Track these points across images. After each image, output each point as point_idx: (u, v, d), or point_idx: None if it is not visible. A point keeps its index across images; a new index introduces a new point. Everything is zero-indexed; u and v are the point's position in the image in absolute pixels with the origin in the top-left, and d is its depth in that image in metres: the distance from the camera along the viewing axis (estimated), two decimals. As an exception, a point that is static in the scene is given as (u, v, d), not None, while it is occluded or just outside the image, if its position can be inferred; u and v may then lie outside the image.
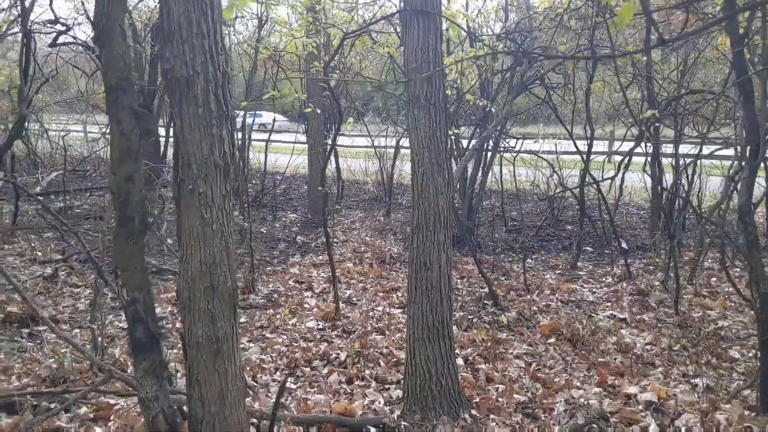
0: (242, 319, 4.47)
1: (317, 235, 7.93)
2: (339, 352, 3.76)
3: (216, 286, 2.00)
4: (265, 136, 10.26)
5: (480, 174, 8.02)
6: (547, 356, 3.95)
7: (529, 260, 6.90)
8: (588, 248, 7.46)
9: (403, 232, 8.27)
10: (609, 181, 7.50)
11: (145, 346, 1.96)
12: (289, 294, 5.23)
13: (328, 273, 5.93)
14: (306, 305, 4.92)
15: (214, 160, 1.96)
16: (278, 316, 4.61)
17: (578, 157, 10.42)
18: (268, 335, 4.14)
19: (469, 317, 4.70)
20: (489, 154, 8.01)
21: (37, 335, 4.05)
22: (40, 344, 3.88)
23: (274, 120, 10.06)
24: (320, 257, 6.62)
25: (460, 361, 3.80)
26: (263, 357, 3.70)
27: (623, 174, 8.02)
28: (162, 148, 10.18)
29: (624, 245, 7.33)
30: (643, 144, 7.90)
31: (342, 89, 10.39)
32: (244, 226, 5.39)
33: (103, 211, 8.51)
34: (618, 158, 7.74)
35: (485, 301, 5.08)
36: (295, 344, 3.99)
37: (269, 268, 6.08)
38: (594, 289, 5.65)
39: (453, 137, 6.19)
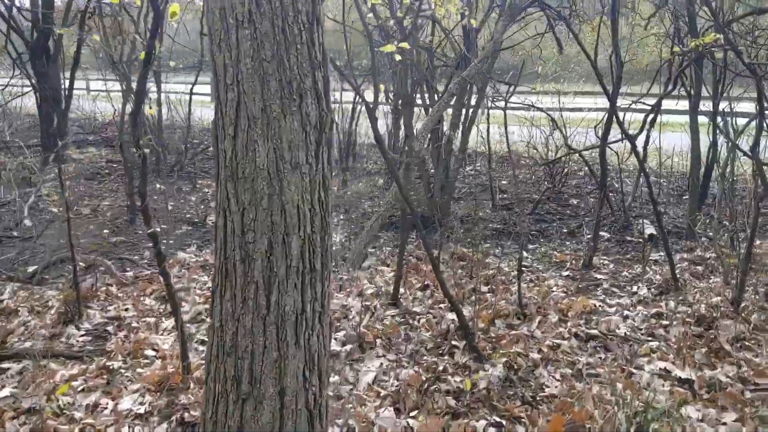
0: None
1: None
2: None
3: None
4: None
5: (460, 130, 5.96)
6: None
7: (523, 253, 4.90)
8: (603, 233, 5.46)
9: (359, 209, 6.24)
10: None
11: None
12: (137, 325, 3.20)
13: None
14: (149, 352, 2.91)
15: None
16: (85, 380, 2.59)
17: (584, 115, 8.33)
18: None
19: (424, 378, 2.70)
20: (471, 105, 5.93)
21: None
22: None
23: (201, 64, 7.86)
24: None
25: None
26: None
27: (649, 131, 5.97)
28: (63, 103, 7.94)
29: (650, 230, 5.34)
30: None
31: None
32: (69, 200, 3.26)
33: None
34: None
35: (453, 341, 3.08)
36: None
37: (130, 272, 4.03)
38: (625, 311, 3.66)
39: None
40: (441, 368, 2.79)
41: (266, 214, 1.12)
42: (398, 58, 2.96)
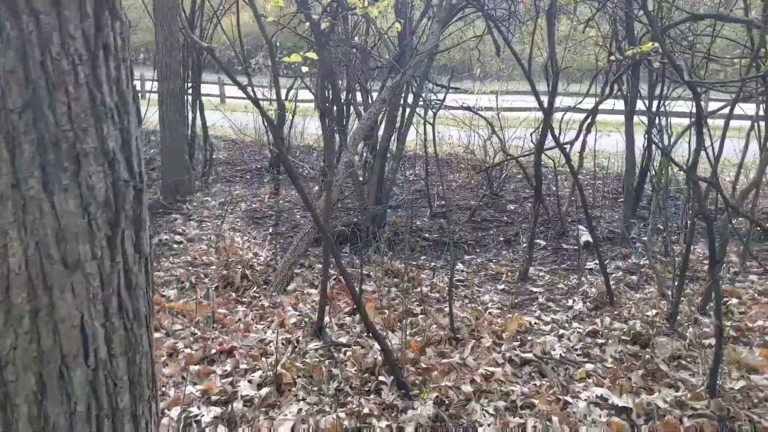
0: None
1: (167, 224, 5.49)
2: None
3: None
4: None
5: (396, 136, 5.74)
6: None
7: (459, 265, 4.73)
8: (539, 241, 5.36)
9: (291, 221, 5.95)
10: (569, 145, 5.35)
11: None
12: None
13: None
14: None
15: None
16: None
17: (523, 114, 8.27)
18: None
19: (346, 425, 2.46)
20: (407, 108, 5.72)
21: None
22: None
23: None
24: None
25: None
26: None
27: (585, 137, 5.94)
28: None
29: (586, 237, 5.25)
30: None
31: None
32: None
33: None
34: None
35: (381, 377, 2.85)
36: None
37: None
38: (561, 329, 3.52)
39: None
40: (366, 411, 2.56)
41: (30, 339, 0.81)
42: (305, 69, 2.68)
